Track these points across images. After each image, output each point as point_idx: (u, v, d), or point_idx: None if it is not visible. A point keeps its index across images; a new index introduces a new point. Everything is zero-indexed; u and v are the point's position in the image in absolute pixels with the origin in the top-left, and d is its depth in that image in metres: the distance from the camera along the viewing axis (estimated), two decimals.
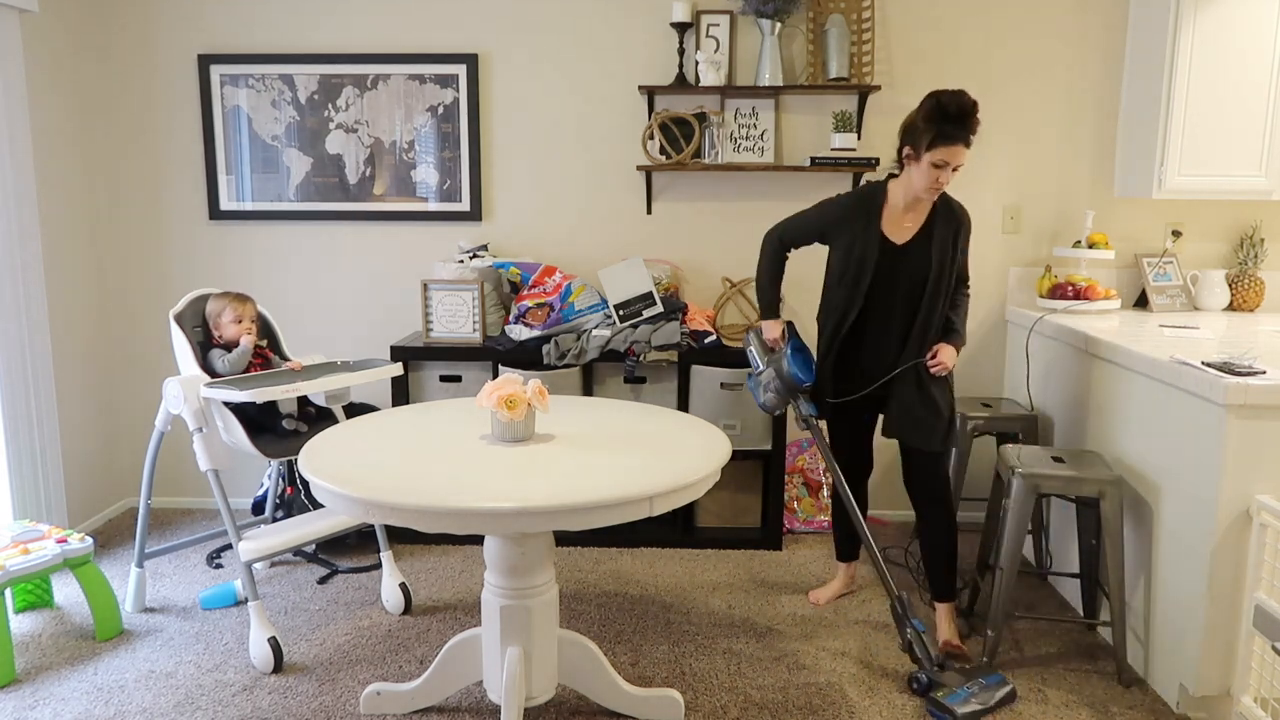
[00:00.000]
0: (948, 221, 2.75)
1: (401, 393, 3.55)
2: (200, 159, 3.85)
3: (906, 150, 2.68)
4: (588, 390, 3.58)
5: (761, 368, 2.95)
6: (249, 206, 3.86)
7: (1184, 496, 2.51)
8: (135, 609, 3.10)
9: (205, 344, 3.02)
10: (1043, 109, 3.72)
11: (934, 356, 2.75)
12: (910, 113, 2.67)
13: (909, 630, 2.65)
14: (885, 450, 3.92)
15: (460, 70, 3.75)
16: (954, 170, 2.62)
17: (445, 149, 3.81)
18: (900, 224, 2.76)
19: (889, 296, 2.77)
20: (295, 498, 3.49)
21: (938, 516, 2.84)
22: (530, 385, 2.27)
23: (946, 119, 2.55)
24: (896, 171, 2.78)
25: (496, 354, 3.51)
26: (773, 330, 2.95)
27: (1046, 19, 3.66)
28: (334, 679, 2.67)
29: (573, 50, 3.75)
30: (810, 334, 3.82)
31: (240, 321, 3.01)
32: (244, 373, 2.95)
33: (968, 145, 2.59)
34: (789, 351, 2.88)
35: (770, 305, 2.99)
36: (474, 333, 3.55)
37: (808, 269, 3.84)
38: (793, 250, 2.96)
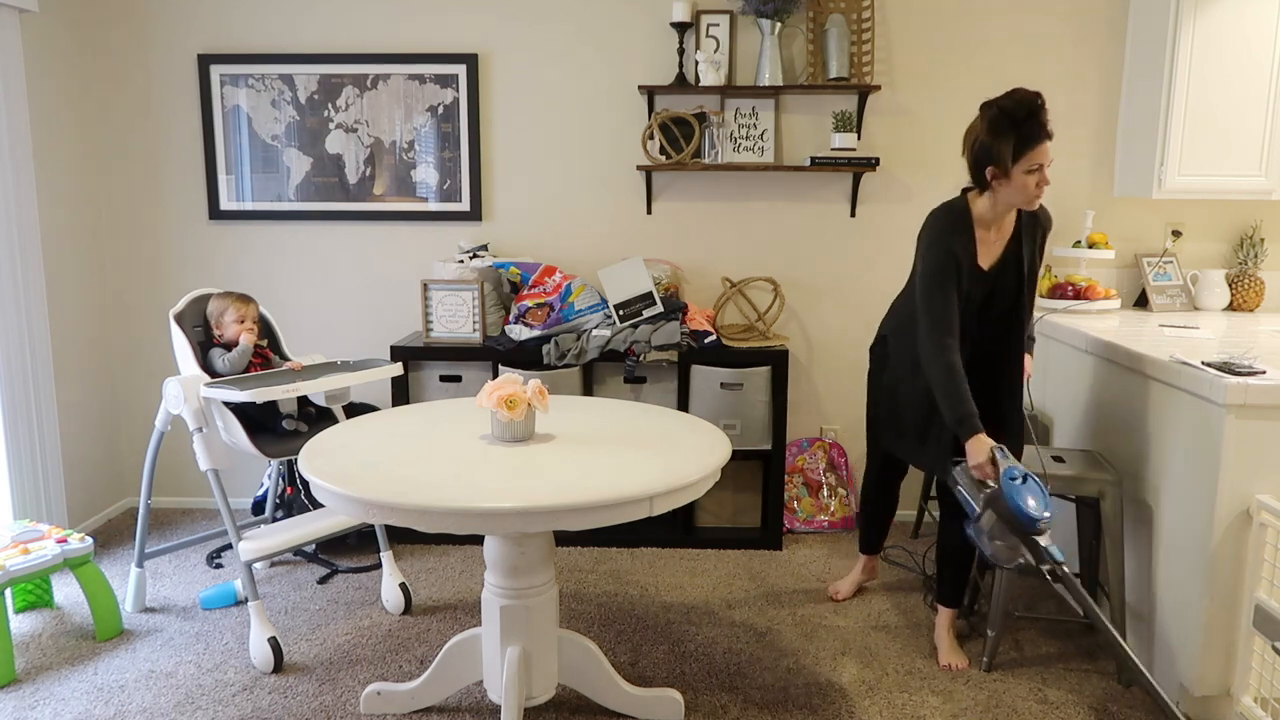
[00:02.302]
0: (1032, 227, 2.56)
1: (401, 393, 3.55)
2: (200, 159, 3.86)
3: (990, 171, 2.45)
4: (588, 390, 3.58)
5: (978, 511, 2.31)
6: (249, 206, 3.86)
7: (1184, 496, 2.51)
8: (135, 609, 3.10)
9: (205, 344, 3.02)
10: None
11: None
12: (973, 133, 2.49)
13: None
14: None
15: (460, 70, 3.75)
16: (1046, 168, 2.43)
17: (445, 149, 3.81)
18: (989, 244, 2.55)
19: (984, 322, 2.59)
20: (295, 498, 3.49)
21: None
22: (530, 385, 2.27)
23: (1018, 124, 2.39)
24: (971, 186, 2.57)
25: (496, 354, 3.51)
26: (978, 454, 2.34)
27: (1046, 19, 3.66)
28: (334, 679, 2.67)
29: (573, 50, 3.75)
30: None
31: (243, 322, 3.01)
32: (244, 373, 2.95)
33: (1050, 138, 2.41)
34: (1008, 482, 2.22)
35: (967, 419, 2.37)
36: (474, 333, 3.55)
37: (800, 269, 3.85)
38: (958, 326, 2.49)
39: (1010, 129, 2.40)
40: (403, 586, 3.07)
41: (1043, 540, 2.19)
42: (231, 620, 3.04)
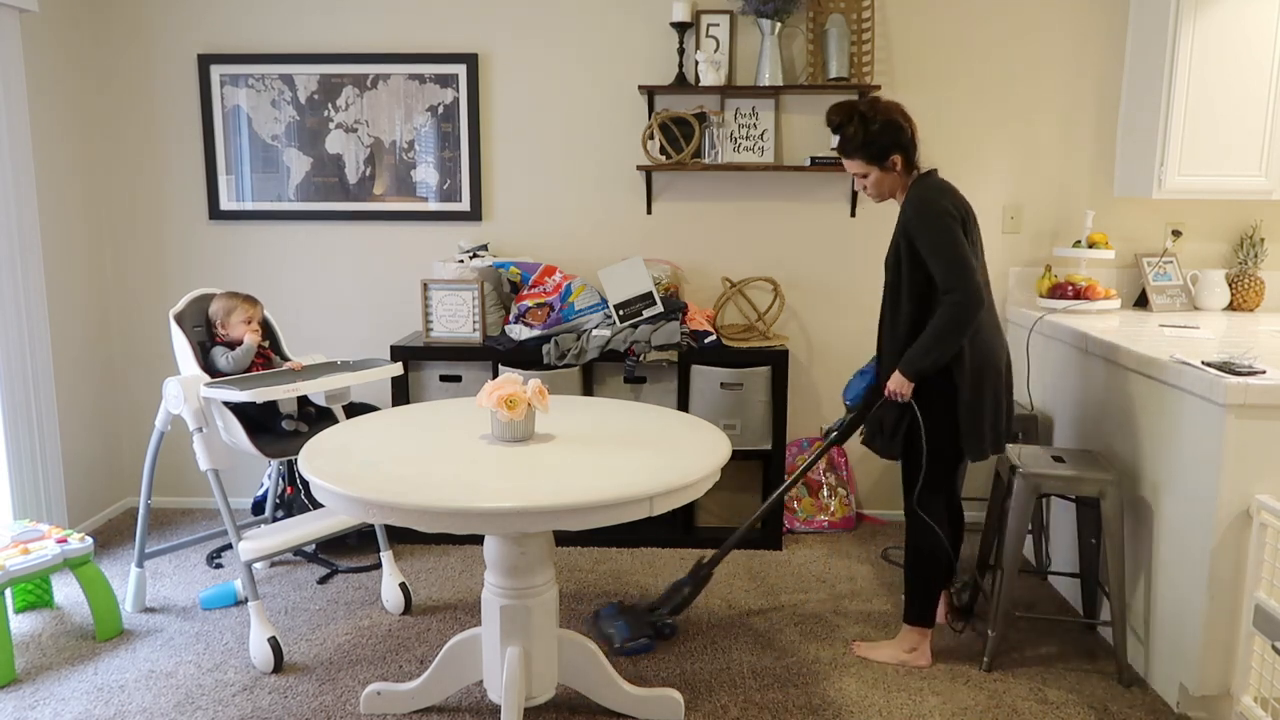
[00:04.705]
0: (901, 215, 2.59)
1: (401, 393, 3.55)
2: (200, 159, 3.85)
3: None
4: (588, 390, 3.58)
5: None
6: (249, 206, 3.86)
7: (1184, 496, 2.51)
8: (135, 609, 3.10)
9: (206, 344, 3.02)
10: (1043, 109, 3.72)
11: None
12: None
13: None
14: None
15: (460, 70, 3.75)
16: (855, 178, 2.64)
17: (445, 149, 3.81)
18: None
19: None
20: (295, 498, 3.49)
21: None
22: (530, 385, 2.27)
23: None
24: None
25: (496, 354, 3.51)
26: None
27: (1047, 19, 3.66)
28: (334, 679, 2.67)
29: (573, 50, 3.75)
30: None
31: (250, 323, 3.02)
32: (245, 372, 2.95)
33: (847, 156, 2.61)
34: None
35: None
36: (474, 333, 3.54)
37: (800, 269, 3.85)
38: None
39: None
40: (403, 586, 3.07)
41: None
42: (231, 620, 3.04)
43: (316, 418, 3.05)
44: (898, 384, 2.57)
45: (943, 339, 2.46)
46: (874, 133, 2.54)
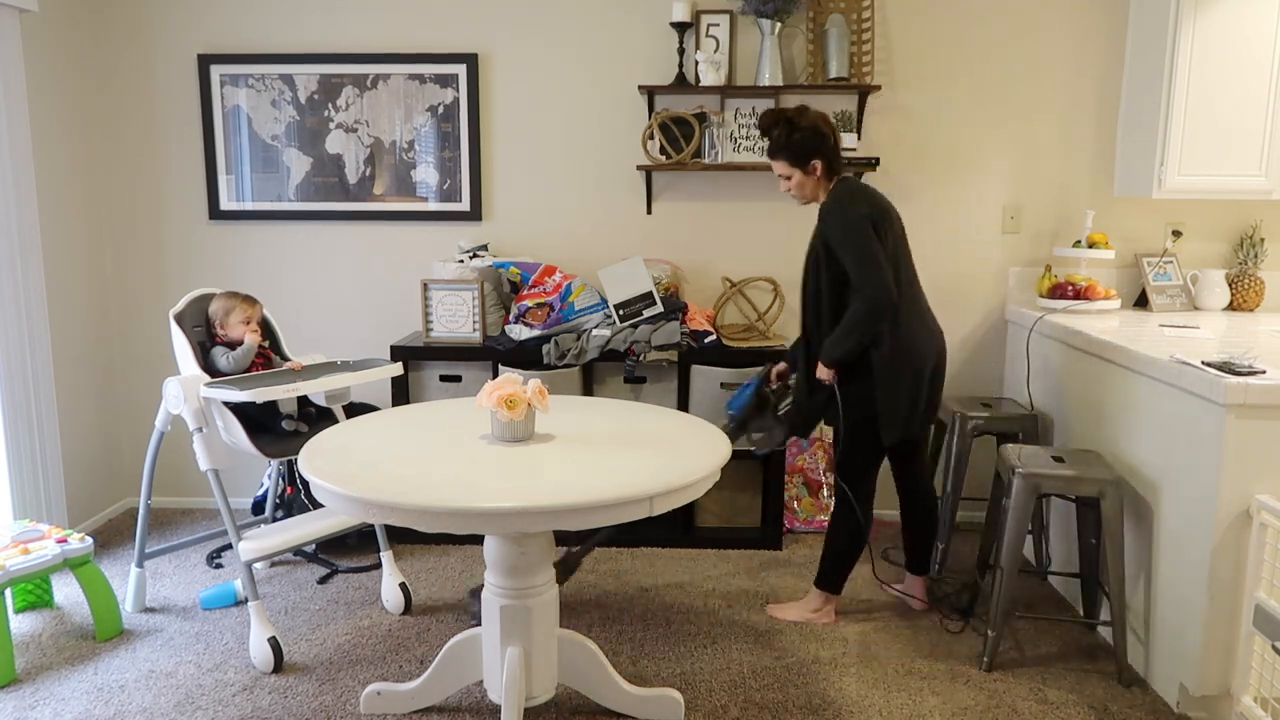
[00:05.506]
0: (818, 217, 2.77)
1: (401, 393, 3.55)
2: (200, 159, 3.86)
3: None
4: (588, 390, 3.58)
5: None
6: (249, 206, 3.86)
7: (1184, 496, 2.51)
8: (135, 609, 3.10)
9: (206, 344, 3.02)
10: (1043, 109, 3.72)
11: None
12: None
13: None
14: None
15: (460, 70, 3.75)
16: (780, 179, 2.83)
17: (445, 149, 3.81)
18: None
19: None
20: (295, 498, 3.49)
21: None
22: (530, 385, 2.27)
23: None
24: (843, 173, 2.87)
25: (496, 354, 3.51)
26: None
27: (1046, 19, 3.66)
28: (334, 679, 2.67)
29: (573, 50, 3.75)
30: None
31: (248, 323, 3.02)
32: (245, 372, 2.95)
33: (772, 157, 2.81)
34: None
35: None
36: (474, 332, 3.55)
37: (800, 269, 3.84)
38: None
39: None
40: (403, 586, 3.07)
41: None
42: (231, 620, 3.04)
43: (316, 418, 3.05)
44: (821, 371, 2.81)
45: (853, 331, 2.68)
46: (797, 139, 2.74)
